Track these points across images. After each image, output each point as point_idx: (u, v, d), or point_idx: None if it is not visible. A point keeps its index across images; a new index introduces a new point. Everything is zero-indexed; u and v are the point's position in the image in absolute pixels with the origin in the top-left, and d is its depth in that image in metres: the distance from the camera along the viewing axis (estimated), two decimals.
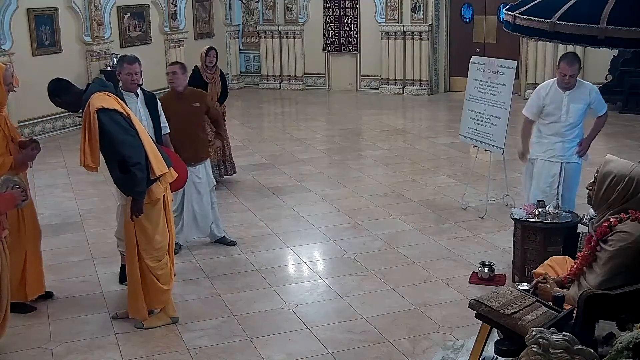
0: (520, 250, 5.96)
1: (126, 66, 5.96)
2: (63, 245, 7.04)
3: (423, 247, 6.90)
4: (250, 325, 5.41)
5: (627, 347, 2.97)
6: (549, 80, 6.51)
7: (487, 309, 3.64)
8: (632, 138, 11.24)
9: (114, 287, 6.12)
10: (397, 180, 9.23)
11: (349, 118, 13.69)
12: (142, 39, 14.34)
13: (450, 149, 10.76)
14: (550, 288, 3.90)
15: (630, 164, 3.85)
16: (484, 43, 15.05)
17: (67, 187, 9.11)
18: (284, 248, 6.99)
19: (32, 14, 11.84)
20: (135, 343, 5.19)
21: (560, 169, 6.42)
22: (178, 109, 6.64)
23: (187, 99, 6.80)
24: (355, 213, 7.90)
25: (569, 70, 6.14)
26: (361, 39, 15.88)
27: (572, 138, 6.39)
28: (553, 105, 6.32)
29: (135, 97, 6.01)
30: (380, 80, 15.82)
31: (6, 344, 5.13)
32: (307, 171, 9.73)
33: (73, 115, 12.47)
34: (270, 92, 16.45)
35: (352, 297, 5.83)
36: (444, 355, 4.76)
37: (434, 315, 5.48)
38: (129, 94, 5.97)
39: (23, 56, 11.58)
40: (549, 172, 6.41)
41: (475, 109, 7.95)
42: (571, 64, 6.13)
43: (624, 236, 3.70)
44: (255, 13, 16.83)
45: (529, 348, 2.97)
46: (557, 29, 3.70)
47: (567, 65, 6.14)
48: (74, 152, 11.28)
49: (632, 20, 3.49)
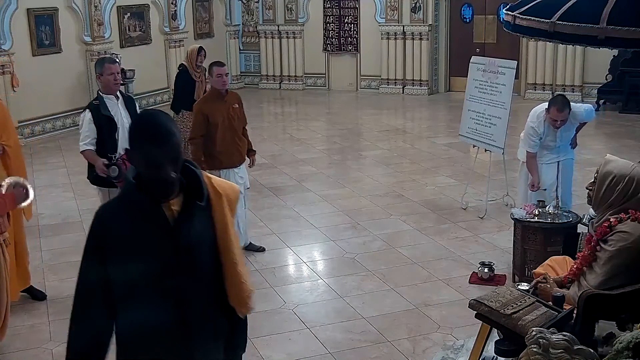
0: (520, 250, 5.96)
1: (108, 66, 5.88)
2: (63, 245, 7.04)
3: (423, 247, 6.90)
4: (250, 325, 5.35)
5: (627, 347, 2.97)
6: (540, 113, 6.36)
7: (487, 309, 3.64)
8: (632, 138, 11.22)
9: None
10: (397, 180, 9.23)
11: (349, 118, 13.68)
12: (142, 39, 14.33)
13: (450, 149, 10.76)
14: (550, 288, 3.90)
15: (630, 164, 3.85)
16: (484, 43, 15.05)
17: (67, 187, 9.11)
18: (284, 248, 6.98)
19: (32, 14, 11.84)
20: None
21: (557, 168, 6.53)
22: (223, 110, 6.54)
23: (229, 100, 6.66)
24: (355, 213, 7.90)
25: (560, 116, 6.20)
26: (361, 39, 15.88)
27: (566, 144, 6.57)
28: (549, 138, 6.44)
29: (115, 99, 5.95)
30: (380, 80, 15.82)
31: (6, 344, 5.13)
32: (307, 171, 9.73)
33: (73, 115, 12.51)
34: (270, 92, 16.45)
35: (352, 297, 5.83)
36: (444, 355, 4.76)
37: (434, 315, 5.48)
38: (109, 96, 5.91)
39: (23, 56, 11.57)
40: (547, 176, 6.49)
41: (475, 109, 7.95)
42: (561, 109, 6.17)
43: (624, 236, 3.70)
44: (255, 13, 16.83)
45: (529, 348, 2.97)
46: (557, 29, 3.70)
47: (557, 112, 6.18)
48: (74, 152, 11.30)
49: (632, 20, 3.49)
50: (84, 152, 5.93)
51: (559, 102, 6.23)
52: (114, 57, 6.13)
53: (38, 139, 11.70)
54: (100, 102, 5.87)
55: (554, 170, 6.50)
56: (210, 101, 6.60)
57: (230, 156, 6.58)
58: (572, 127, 6.49)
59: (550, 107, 6.22)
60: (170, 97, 14.87)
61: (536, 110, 6.45)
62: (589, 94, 13.75)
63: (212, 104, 6.55)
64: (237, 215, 6.61)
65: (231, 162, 6.59)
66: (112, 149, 5.86)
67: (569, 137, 6.53)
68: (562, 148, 6.52)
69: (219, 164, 6.56)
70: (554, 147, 6.47)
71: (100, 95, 5.94)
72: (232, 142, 6.60)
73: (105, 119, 5.83)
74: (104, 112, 5.83)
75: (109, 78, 5.89)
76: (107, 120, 5.84)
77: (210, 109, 6.48)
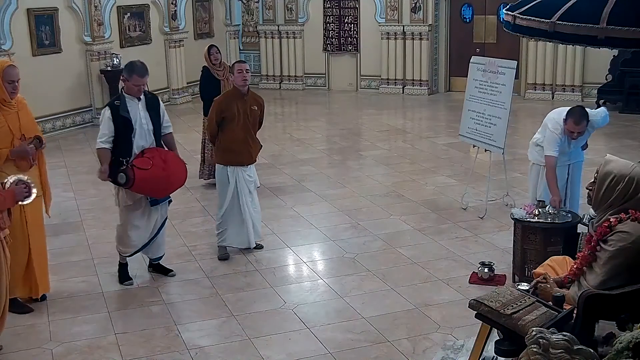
0: (520, 250, 5.96)
1: (136, 78, 5.88)
2: (63, 245, 7.04)
3: (423, 247, 6.90)
4: (250, 325, 5.41)
5: (627, 347, 2.97)
6: (560, 122, 6.18)
7: (487, 309, 3.64)
8: (632, 138, 11.23)
9: (114, 287, 6.13)
10: (397, 180, 9.23)
11: (349, 118, 13.68)
12: (142, 39, 14.33)
13: (450, 149, 10.76)
14: (550, 288, 3.90)
15: (630, 164, 3.85)
16: (484, 43, 15.05)
17: (67, 187, 9.11)
18: (284, 248, 6.99)
19: (32, 14, 11.84)
20: (135, 343, 5.19)
21: (568, 171, 6.51)
22: (241, 108, 6.53)
23: (249, 100, 6.64)
24: (355, 213, 7.90)
25: (577, 129, 6.11)
26: (361, 39, 15.88)
27: (578, 148, 6.56)
28: (563, 145, 6.32)
29: (137, 101, 5.97)
30: (380, 80, 15.81)
31: (6, 344, 5.13)
32: (307, 171, 9.73)
33: (73, 115, 12.51)
34: (270, 92, 16.43)
35: (352, 297, 5.83)
36: (444, 355, 4.77)
37: (434, 315, 5.48)
38: (130, 97, 5.94)
39: (23, 56, 11.55)
40: (558, 177, 6.41)
41: (475, 109, 7.95)
42: (578, 122, 6.07)
43: (624, 236, 3.70)
44: (255, 13, 16.83)
45: (529, 348, 2.97)
46: (557, 29, 3.70)
47: (574, 124, 6.09)
48: (74, 152, 11.36)
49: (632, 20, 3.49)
50: (99, 150, 5.95)
51: (577, 114, 6.08)
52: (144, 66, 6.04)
53: None
54: (121, 103, 5.89)
55: (564, 173, 6.47)
56: (229, 97, 6.62)
57: (239, 155, 6.57)
58: (587, 135, 6.44)
59: (568, 120, 6.11)
60: (170, 97, 14.95)
61: (555, 118, 6.29)
62: (589, 94, 13.75)
63: (231, 100, 6.56)
64: (250, 213, 6.69)
65: (239, 161, 6.59)
66: (126, 152, 5.87)
67: (582, 142, 6.49)
68: (574, 152, 6.48)
69: (227, 160, 6.57)
70: (567, 152, 6.42)
71: (122, 95, 5.95)
72: (244, 142, 6.59)
73: (122, 119, 5.85)
74: (122, 113, 5.85)
75: (133, 87, 5.91)
76: (124, 122, 5.85)
77: (227, 104, 6.50)
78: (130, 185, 5.83)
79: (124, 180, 5.81)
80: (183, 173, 6.19)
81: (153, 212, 6.13)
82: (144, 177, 5.80)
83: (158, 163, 5.90)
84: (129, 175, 5.78)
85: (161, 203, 6.16)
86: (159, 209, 6.16)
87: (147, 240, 6.17)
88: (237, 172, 6.59)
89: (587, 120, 6.13)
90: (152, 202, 6.07)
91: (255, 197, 6.81)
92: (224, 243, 6.71)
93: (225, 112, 6.47)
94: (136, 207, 6.05)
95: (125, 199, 6.00)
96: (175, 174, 6.08)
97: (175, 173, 6.07)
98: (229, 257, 6.68)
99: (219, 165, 6.67)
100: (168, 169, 5.96)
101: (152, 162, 5.86)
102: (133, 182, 5.80)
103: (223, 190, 6.65)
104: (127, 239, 6.12)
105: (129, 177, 5.78)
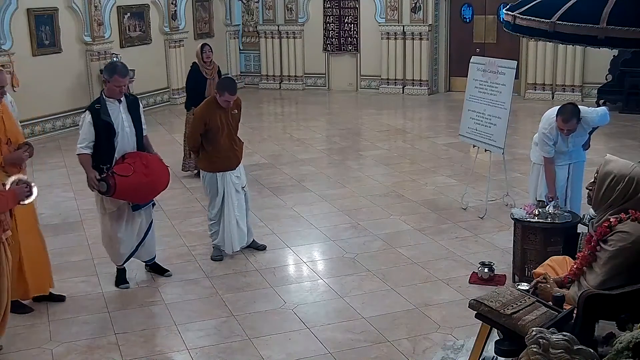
0: (520, 250, 5.96)
1: (117, 78, 5.76)
2: (63, 245, 7.04)
3: (423, 247, 6.90)
4: (250, 325, 5.41)
5: (627, 347, 2.97)
6: (551, 119, 6.25)
7: (487, 309, 3.64)
8: (632, 138, 11.23)
9: (114, 287, 6.13)
10: (397, 180, 9.23)
11: (349, 118, 13.68)
12: (142, 39, 14.33)
13: (450, 149, 10.76)
14: (550, 288, 3.90)
15: (630, 164, 3.85)
16: (484, 43, 15.04)
17: (67, 187, 9.11)
18: (284, 248, 6.99)
19: (32, 14, 11.83)
20: (135, 343, 5.19)
21: (569, 170, 6.50)
22: (224, 119, 6.50)
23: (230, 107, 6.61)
24: (355, 213, 7.90)
25: (566, 126, 6.14)
26: (361, 39, 15.88)
27: (578, 148, 6.53)
28: (561, 144, 6.36)
29: (118, 103, 5.87)
30: (380, 80, 15.81)
31: (6, 344, 5.13)
32: (307, 171, 9.73)
33: (73, 115, 12.50)
34: (270, 92, 16.45)
35: (352, 297, 5.83)
36: (444, 355, 4.77)
37: (434, 315, 5.49)
38: (111, 100, 5.83)
39: (23, 56, 11.57)
40: (558, 178, 6.43)
41: (475, 109, 7.94)
42: (567, 120, 6.09)
43: (624, 236, 3.70)
44: (255, 13, 16.83)
45: (529, 348, 2.97)
46: (557, 29, 3.70)
47: (563, 122, 6.11)
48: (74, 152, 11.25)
49: (632, 20, 3.49)
50: (80, 156, 5.87)
51: (566, 112, 6.10)
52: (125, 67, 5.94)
53: (38, 139, 11.67)
54: (101, 106, 5.78)
55: (564, 173, 6.47)
56: (211, 108, 6.52)
57: (227, 160, 6.57)
58: (584, 133, 6.41)
59: (557, 117, 6.13)
60: (170, 97, 14.95)
61: (548, 116, 6.35)
62: (589, 94, 13.75)
63: (213, 111, 6.48)
64: (236, 215, 6.69)
65: (228, 166, 6.58)
66: (107, 157, 5.78)
67: (581, 141, 6.46)
68: (574, 152, 6.47)
69: (216, 168, 6.56)
70: (567, 152, 6.42)
71: (103, 98, 5.83)
72: (230, 148, 6.59)
73: (104, 124, 5.74)
74: (103, 117, 5.74)
75: (114, 88, 5.81)
76: (105, 126, 5.75)
77: (210, 116, 6.43)
78: (112, 193, 5.72)
79: (104, 188, 5.70)
80: (165, 177, 6.09)
81: (136, 217, 6.06)
82: (125, 184, 5.69)
83: (139, 169, 5.78)
84: (109, 183, 5.67)
85: (143, 208, 6.08)
86: (142, 213, 6.08)
87: (135, 246, 6.12)
88: (226, 177, 6.58)
89: (577, 118, 6.13)
90: (134, 208, 5.99)
91: (241, 197, 6.78)
92: (218, 243, 6.71)
93: (209, 124, 6.42)
94: (120, 214, 5.96)
95: (108, 205, 5.91)
96: (159, 179, 6.00)
97: (158, 178, 5.98)
98: (222, 258, 6.67)
99: (208, 173, 6.63)
100: (150, 174, 5.85)
101: (134, 168, 5.75)
102: (114, 190, 5.69)
103: (213, 194, 6.64)
104: (115, 252, 6.08)
105: (110, 185, 5.67)
